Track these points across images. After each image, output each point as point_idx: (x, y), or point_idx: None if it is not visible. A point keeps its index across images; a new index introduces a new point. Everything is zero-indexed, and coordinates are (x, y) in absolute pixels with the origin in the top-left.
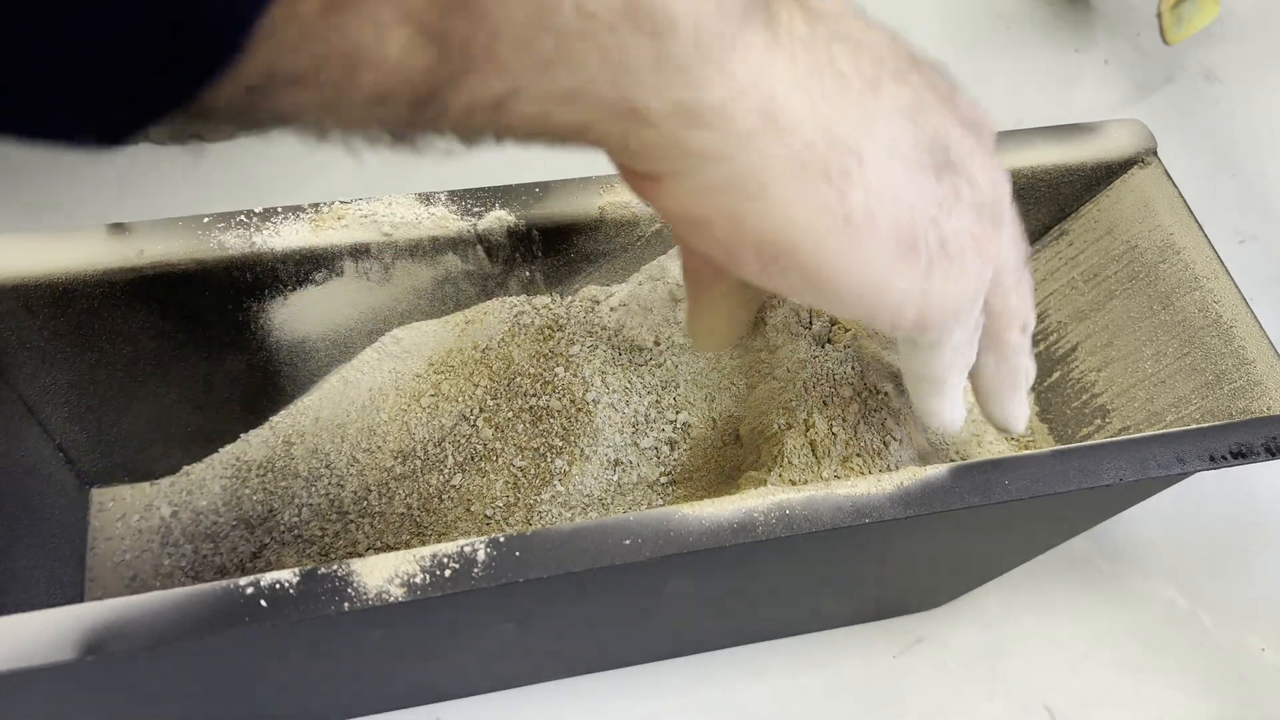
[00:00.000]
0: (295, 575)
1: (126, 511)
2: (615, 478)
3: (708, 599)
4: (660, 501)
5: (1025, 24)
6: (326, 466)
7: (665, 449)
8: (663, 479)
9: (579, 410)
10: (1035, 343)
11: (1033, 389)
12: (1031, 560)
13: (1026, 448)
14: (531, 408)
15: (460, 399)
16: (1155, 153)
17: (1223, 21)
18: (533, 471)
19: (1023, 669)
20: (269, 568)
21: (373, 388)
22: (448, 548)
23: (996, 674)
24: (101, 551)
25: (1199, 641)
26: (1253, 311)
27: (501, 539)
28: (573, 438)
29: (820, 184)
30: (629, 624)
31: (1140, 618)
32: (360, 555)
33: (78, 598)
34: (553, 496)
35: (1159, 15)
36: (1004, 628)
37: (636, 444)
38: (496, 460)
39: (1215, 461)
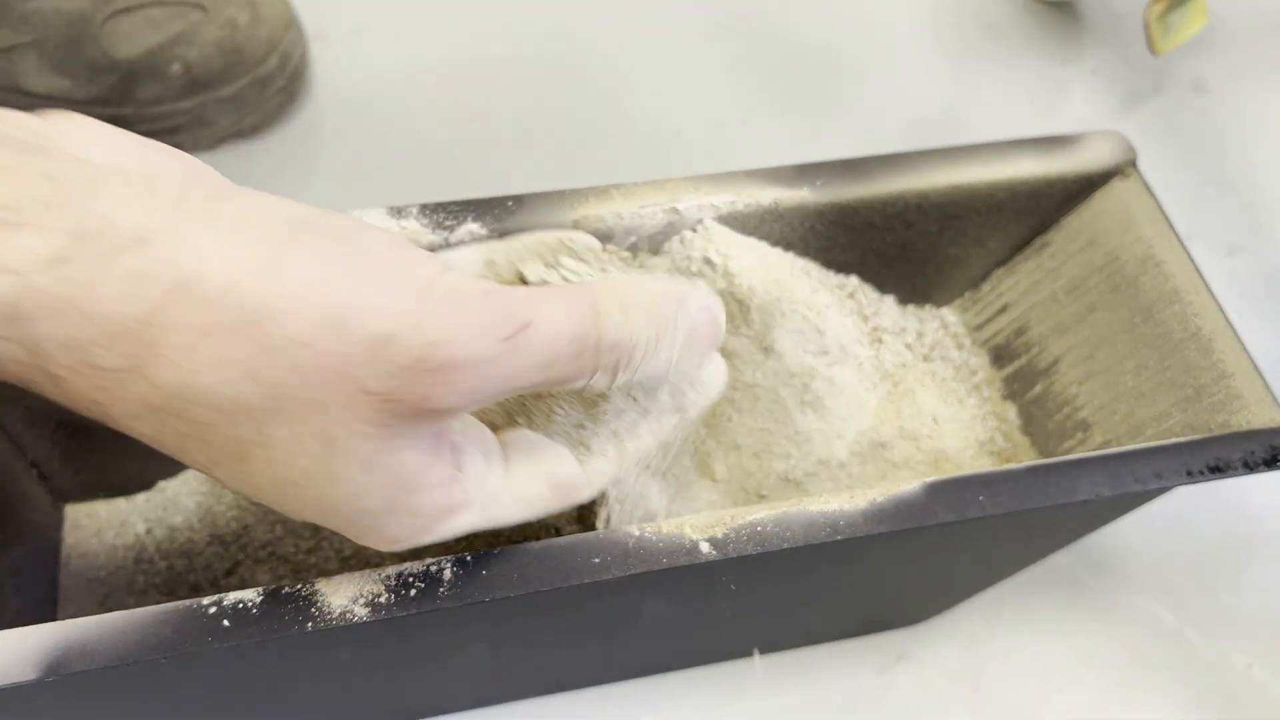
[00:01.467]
0: (258, 595)
1: (101, 528)
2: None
3: (684, 616)
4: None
5: (1013, 35)
6: None
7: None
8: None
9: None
10: (1018, 355)
11: (1016, 401)
12: (1015, 575)
13: (1009, 461)
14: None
15: None
16: (1135, 164)
17: (1211, 31)
18: None
19: (1007, 686)
20: (242, 585)
21: None
22: (413, 566)
23: (980, 691)
24: (75, 569)
25: (1185, 658)
26: (1232, 325)
27: (468, 558)
28: None
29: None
30: (604, 641)
31: (1126, 634)
32: (333, 571)
33: (51, 615)
34: None
35: (1146, 25)
36: (988, 644)
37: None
38: None
39: (1193, 476)
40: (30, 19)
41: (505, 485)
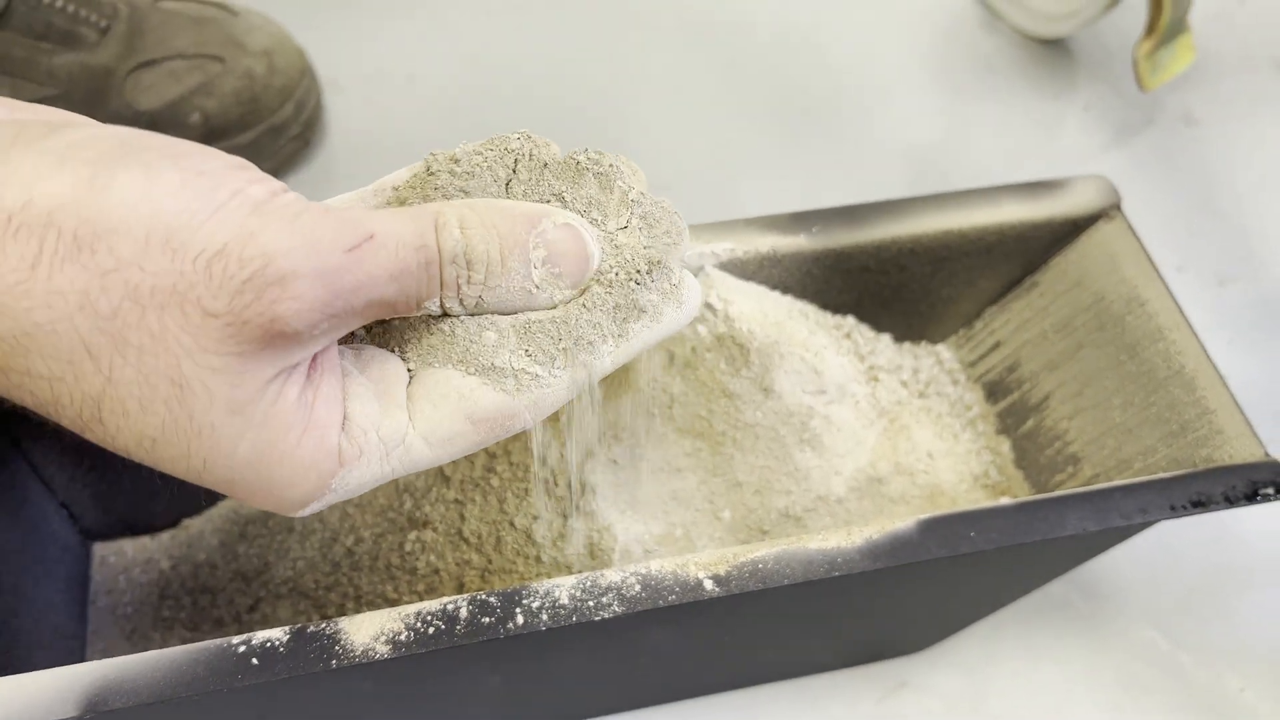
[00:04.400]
0: (285, 634)
1: (128, 565)
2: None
3: (690, 649)
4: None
5: (1007, 70)
6: (319, 520)
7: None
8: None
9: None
10: (1011, 391)
11: (1009, 436)
12: (1013, 604)
13: (1003, 494)
14: (509, 462)
15: None
16: (1119, 207)
17: (1200, 64)
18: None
19: (1005, 712)
20: (264, 620)
21: None
22: (431, 605)
23: (979, 717)
24: (103, 605)
25: (1179, 683)
26: (1213, 362)
27: (482, 596)
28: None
29: None
30: (612, 674)
31: (1121, 659)
32: (350, 607)
33: (80, 650)
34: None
35: (1135, 63)
36: (986, 671)
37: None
38: (474, 516)
39: (1176, 511)
40: (56, 73)
41: (411, 428)
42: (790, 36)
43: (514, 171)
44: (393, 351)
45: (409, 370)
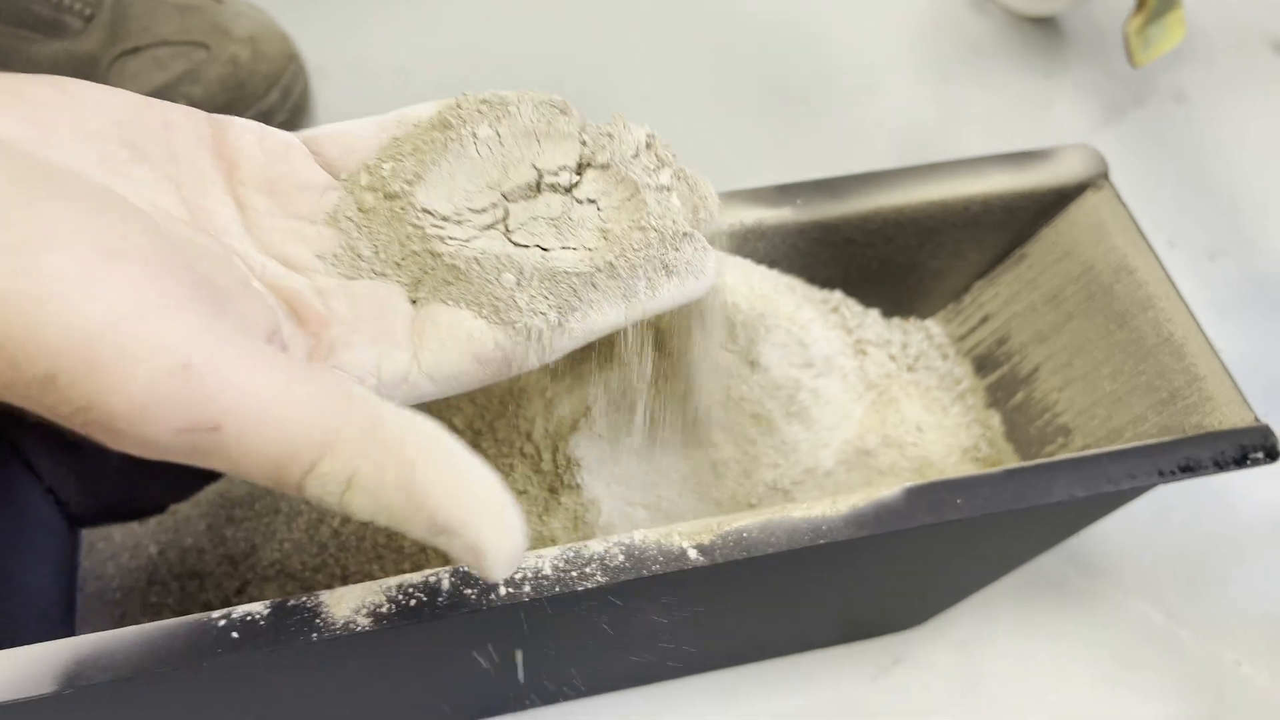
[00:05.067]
0: (266, 608)
1: (116, 551)
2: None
3: (678, 624)
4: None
5: (996, 52)
6: (305, 502)
7: None
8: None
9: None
10: (1000, 364)
11: (999, 409)
12: (1006, 577)
13: (994, 465)
14: (494, 439)
15: None
16: (1107, 176)
17: (1190, 42)
18: None
19: (1000, 688)
20: (252, 602)
21: None
22: (413, 578)
23: (974, 693)
24: (91, 591)
25: (1175, 656)
26: (1202, 329)
27: (466, 569)
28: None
29: None
30: (599, 651)
31: (1116, 633)
32: (338, 587)
33: (68, 636)
34: None
35: (1126, 39)
36: (981, 647)
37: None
38: None
39: (1164, 476)
40: (40, 62)
41: (416, 366)
42: (779, 21)
43: (542, 139)
44: (396, 279)
45: (414, 300)
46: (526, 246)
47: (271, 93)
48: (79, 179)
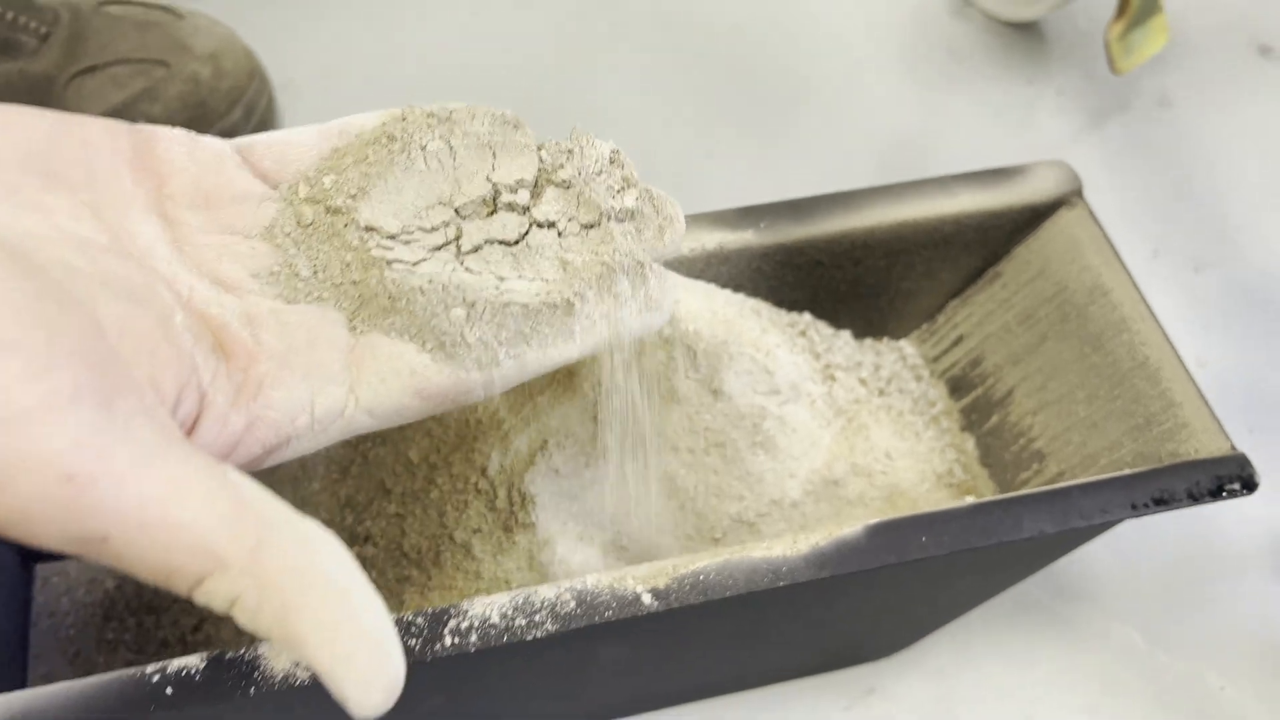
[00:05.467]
0: (202, 661)
1: (71, 586)
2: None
3: (640, 662)
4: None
5: (977, 57)
6: None
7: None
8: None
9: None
10: (974, 386)
11: (974, 432)
12: (984, 604)
13: (968, 493)
14: (449, 474)
15: (383, 469)
16: (1081, 193)
17: (1176, 45)
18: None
19: (978, 716)
20: (209, 641)
21: (304, 459)
22: None
23: None
24: (45, 627)
25: (1158, 681)
26: (1177, 353)
27: (408, 617)
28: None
29: None
30: (564, 689)
31: (1097, 659)
32: None
33: (20, 675)
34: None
35: (1107, 45)
36: (958, 675)
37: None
38: (414, 530)
39: (1138, 510)
40: None
41: (353, 401)
42: (756, 27)
43: (497, 152)
44: (336, 305)
45: (353, 328)
46: (480, 274)
47: (234, 110)
48: None
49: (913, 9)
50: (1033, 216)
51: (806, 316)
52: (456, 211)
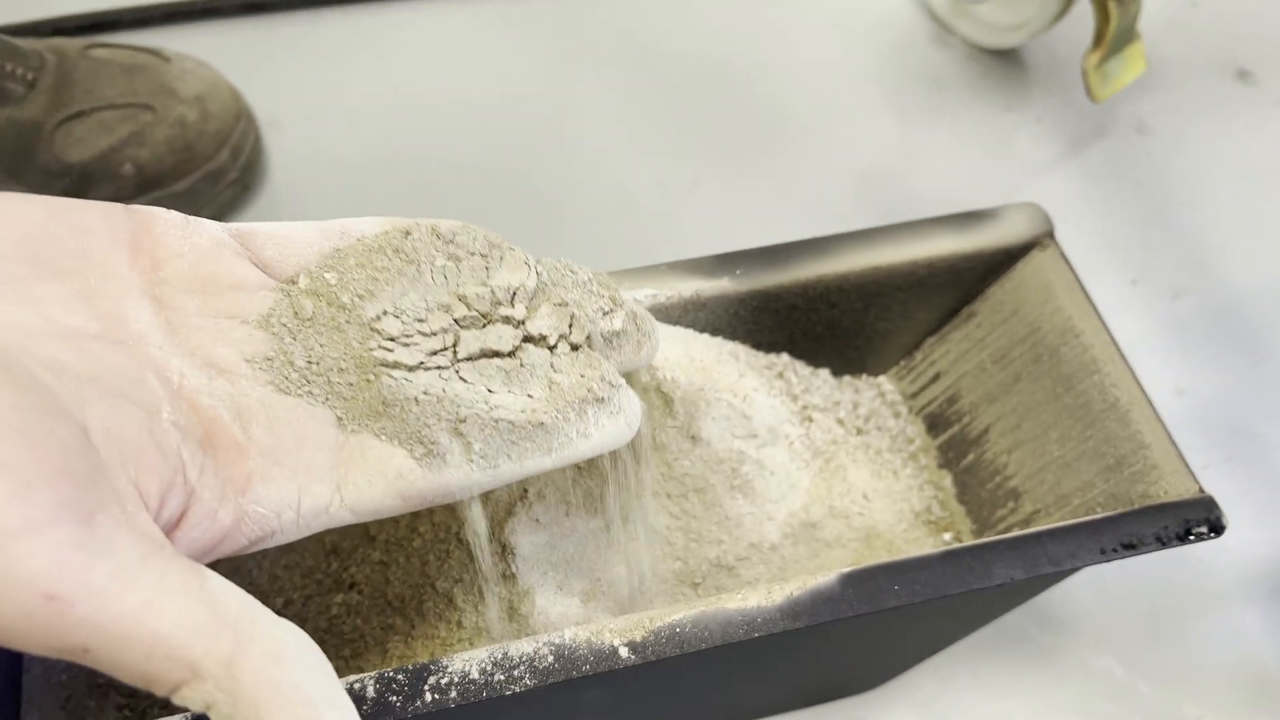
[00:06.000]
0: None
1: None
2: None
3: (622, 706)
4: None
5: (957, 85)
6: (248, 582)
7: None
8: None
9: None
10: (951, 423)
11: (951, 470)
12: (968, 636)
13: (945, 530)
14: (431, 522)
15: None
16: (1052, 235)
17: (1153, 72)
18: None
19: None
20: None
21: None
22: (346, 680)
23: None
24: (37, 674)
25: (1137, 711)
26: (1147, 395)
27: (389, 674)
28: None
29: None
30: None
31: (1078, 689)
32: None
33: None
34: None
35: (1084, 74)
36: (942, 706)
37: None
38: (398, 579)
39: (1106, 555)
40: None
41: (338, 500)
42: (738, 55)
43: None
44: (325, 400)
45: (341, 424)
46: (473, 384)
47: (221, 152)
48: None
49: (894, 37)
50: (1006, 258)
51: (784, 358)
52: (455, 320)
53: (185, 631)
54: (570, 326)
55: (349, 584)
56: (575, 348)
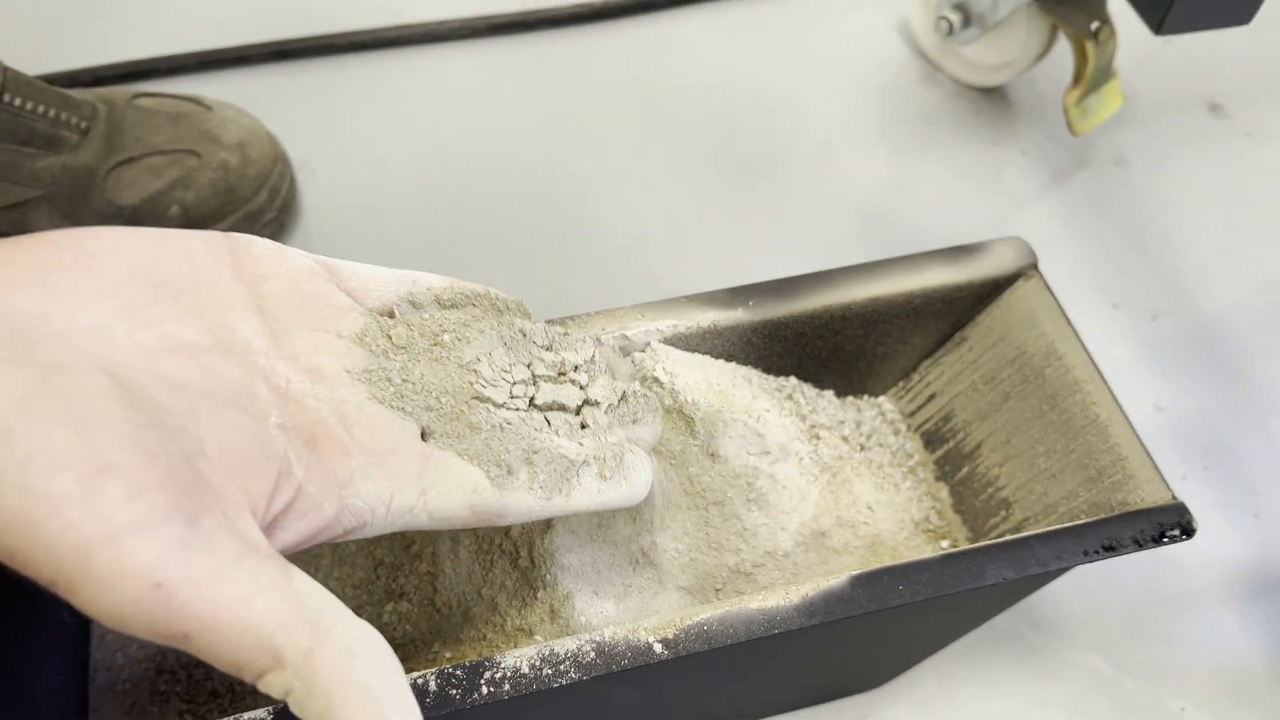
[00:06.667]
0: (268, 714)
1: (125, 642)
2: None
3: (652, 700)
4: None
5: (946, 121)
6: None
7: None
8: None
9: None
10: (946, 440)
11: (947, 482)
12: (965, 636)
13: (943, 538)
14: (474, 534)
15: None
16: (1036, 267)
17: (1130, 106)
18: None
19: None
20: (254, 692)
21: None
22: (410, 676)
23: None
24: (103, 682)
25: (1123, 706)
26: (1124, 412)
27: (449, 669)
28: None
29: None
30: None
31: (1067, 687)
32: None
33: None
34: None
35: (1065, 110)
36: (943, 702)
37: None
38: (444, 587)
39: (1088, 556)
40: (40, 175)
41: (422, 505)
42: (739, 96)
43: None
44: (414, 416)
45: (424, 434)
46: (545, 426)
47: (260, 193)
48: (85, 379)
49: (887, 77)
50: (994, 288)
51: (793, 380)
52: (534, 375)
53: (270, 623)
54: (615, 395)
55: (399, 593)
56: (613, 410)
